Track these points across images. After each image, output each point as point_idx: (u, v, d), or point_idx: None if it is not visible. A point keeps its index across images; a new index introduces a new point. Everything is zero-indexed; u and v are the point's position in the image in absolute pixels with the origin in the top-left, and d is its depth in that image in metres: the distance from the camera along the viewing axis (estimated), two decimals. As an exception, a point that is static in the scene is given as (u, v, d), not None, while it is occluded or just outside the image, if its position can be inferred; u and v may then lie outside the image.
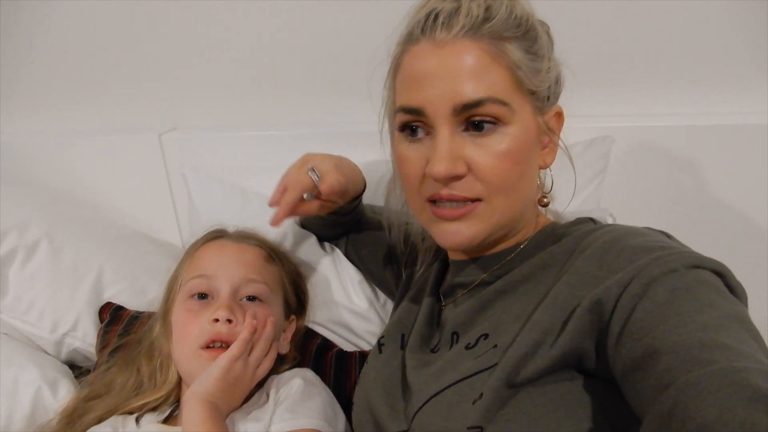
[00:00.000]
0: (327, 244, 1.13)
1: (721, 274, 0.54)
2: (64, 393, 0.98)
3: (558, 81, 0.69)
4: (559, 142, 0.72)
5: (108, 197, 1.39)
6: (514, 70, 0.63)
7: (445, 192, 0.65)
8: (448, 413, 0.60)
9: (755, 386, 0.40)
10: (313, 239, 1.12)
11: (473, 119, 0.63)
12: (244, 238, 0.96)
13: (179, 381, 0.88)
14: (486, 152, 0.63)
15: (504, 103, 0.62)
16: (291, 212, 0.93)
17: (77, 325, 1.10)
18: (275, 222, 0.92)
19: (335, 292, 1.07)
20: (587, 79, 0.73)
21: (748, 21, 1.13)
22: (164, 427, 0.83)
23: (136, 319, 1.06)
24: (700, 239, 0.69)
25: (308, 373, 0.89)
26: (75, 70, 1.39)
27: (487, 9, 0.63)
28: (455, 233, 0.67)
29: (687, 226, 0.75)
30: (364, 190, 1.01)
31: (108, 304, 1.13)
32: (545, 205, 0.71)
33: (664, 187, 1.21)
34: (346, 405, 0.88)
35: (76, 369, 1.10)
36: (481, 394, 0.58)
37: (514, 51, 0.63)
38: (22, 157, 1.39)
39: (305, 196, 0.92)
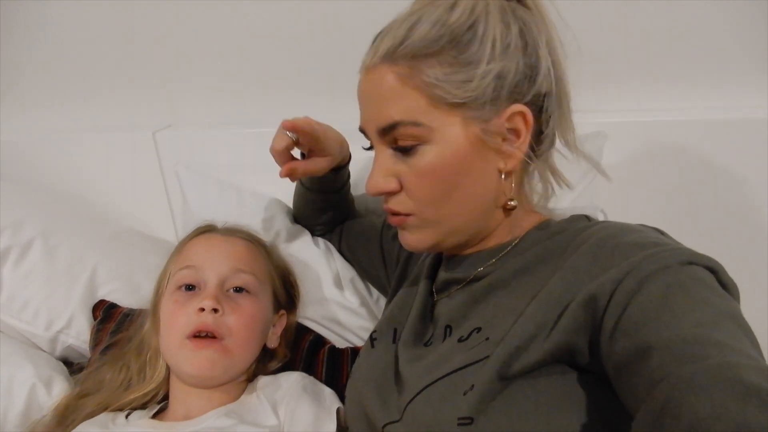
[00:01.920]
0: (321, 241, 1.13)
1: (714, 270, 0.54)
2: (58, 390, 0.98)
3: (514, 80, 0.64)
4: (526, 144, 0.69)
5: (103, 195, 1.38)
6: (430, 89, 0.63)
7: (386, 205, 0.71)
8: (440, 404, 0.60)
9: (748, 382, 0.40)
10: (306, 236, 1.12)
11: (395, 141, 0.66)
12: (233, 231, 0.97)
13: (167, 376, 0.89)
14: (411, 170, 0.66)
15: (417, 124, 0.64)
16: (290, 167, 0.91)
17: (71, 322, 1.10)
18: (284, 173, 0.92)
19: (328, 289, 1.08)
20: (580, 74, 0.73)
21: (745, 14, 1.12)
22: (154, 422, 0.84)
23: (129, 316, 1.06)
24: (696, 236, 0.69)
25: (306, 379, 0.90)
26: (70, 68, 1.39)
27: (411, 28, 0.64)
28: (403, 238, 0.73)
29: (682, 222, 0.75)
30: (348, 162, 1.01)
31: (101, 302, 1.13)
32: (511, 209, 0.70)
33: (658, 182, 1.21)
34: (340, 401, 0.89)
35: (70, 365, 1.10)
36: (473, 386, 0.58)
37: (431, 69, 0.63)
38: (17, 155, 1.39)
39: (289, 135, 0.91)
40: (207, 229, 0.97)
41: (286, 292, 0.99)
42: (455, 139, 0.64)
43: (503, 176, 0.68)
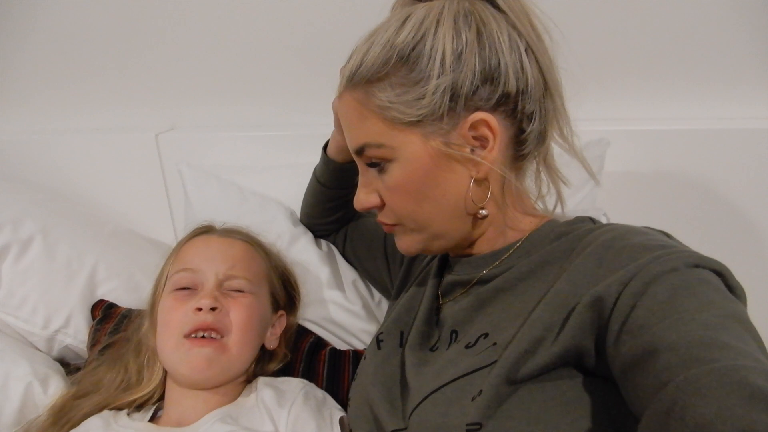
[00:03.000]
0: (323, 242, 1.13)
1: (721, 273, 0.54)
2: (54, 389, 0.97)
3: (471, 88, 0.62)
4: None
5: (104, 195, 1.38)
6: (384, 111, 0.64)
7: (377, 218, 0.75)
8: (447, 410, 0.60)
9: (754, 385, 0.40)
10: (308, 237, 1.12)
11: (369, 159, 0.69)
12: (230, 232, 0.96)
13: (164, 378, 0.88)
14: (384, 187, 0.70)
15: (380, 146, 0.66)
16: None
17: (69, 321, 1.09)
18: None
19: (329, 290, 1.07)
20: (584, 82, 0.72)
21: (747, 24, 1.13)
22: (153, 426, 0.83)
23: (127, 317, 1.05)
24: (696, 242, 0.69)
25: (307, 386, 0.89)
26: (72, 69, 1.39)
27: (365, 52, 0.65)
28: (396, 242, 0.76)
29: (682, 230, 0.75)
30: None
31: (100, 302, 1.12)
32: (483, 218, 0.70)
33: (659, 190, 1.21)
34: (341, 402, 0.88)
35: (66, 366, 1.09)
36: (481, 391, 0.58)
37: (382, 92, 0.64)
38: (19, 155, 1.38)
39: None
40: (205, 230, 0.96)
41: (285, 292, 0.98)
42: (416, 156, 0.66)
43: (472, 184, 0.67)
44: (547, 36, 0.67)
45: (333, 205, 1.06)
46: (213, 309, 0.82)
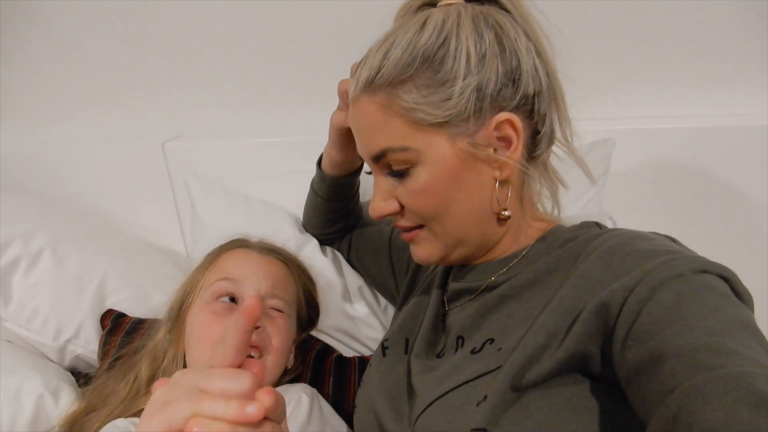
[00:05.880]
0: (329, 249, 1.13)
1: (728, 279, 0.53)
2: (65, 401, 0.98)
3: (495, 88, 0.63)
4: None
5: (112, 206, 1.39)
6: (410, 113, 0.64)
7: (396, 224, 0.74)
8: (452, 415, 0.60)
9: (761, 391, 0.39)
10: (313, 244, 1.12)
11: (389, 166, 0.68)
12: (269, 251, 0.95)
13: None
14: (406, 191, 0.68)
15: (404, 149, 0.65)
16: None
17: (80, 332, 1.10)
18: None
19: (335, 298, 1.08)
20: (588, 82, 0.72)
21: (749, 22, 1.13)
22: None
23: (137, 327, 1.06)
24: (702, 242, 0.69)
25: (313, 393, 0.89)
26: (77, 79, 1.39)
27: (384, 56, 0.64)
28: (414, 252, 0.75)
29: (689, 229, 0.75)
30: (359, 172, 1.00)
31: (109, 312, 1.13)
32: (505, 219, 0.70)
33: (666, 189, 1.21)
34: (347, 409, 0.88)
35: (78, 376, 1.10)
36: (486, 396, 0.58)
37: (408, 93, 0.63)
38: (27, 166, 1.39)
39: None
40: (243, 244, 0.96)
41: (307, 313, 0.98)
42: (444, 158, 0.65)
43: (497, 185, 0.67)
44: (546, 41, 0.67)
45: (333, 216, 1.06)
46: (256, 327, 0.81)
